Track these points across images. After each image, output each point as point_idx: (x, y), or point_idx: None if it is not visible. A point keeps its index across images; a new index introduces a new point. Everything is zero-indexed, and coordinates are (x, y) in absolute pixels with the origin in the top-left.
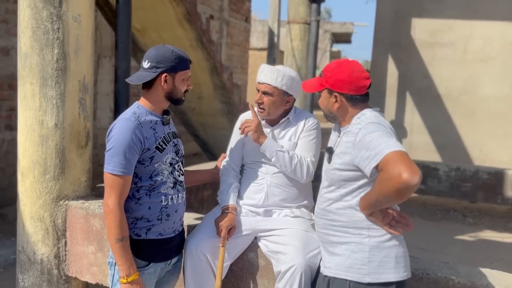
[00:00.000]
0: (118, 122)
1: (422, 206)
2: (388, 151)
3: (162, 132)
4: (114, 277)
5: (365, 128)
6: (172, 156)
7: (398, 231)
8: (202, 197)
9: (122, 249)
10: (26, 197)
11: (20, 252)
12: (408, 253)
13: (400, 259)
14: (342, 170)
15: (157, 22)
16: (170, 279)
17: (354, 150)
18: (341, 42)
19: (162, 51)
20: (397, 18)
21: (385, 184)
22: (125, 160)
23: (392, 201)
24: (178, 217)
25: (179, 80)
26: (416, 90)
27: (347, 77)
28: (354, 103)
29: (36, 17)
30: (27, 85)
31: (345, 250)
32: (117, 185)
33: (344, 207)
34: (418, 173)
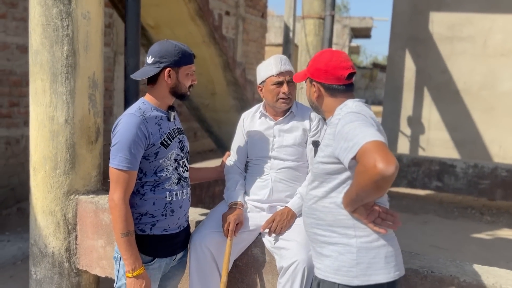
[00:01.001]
0: (123, 117)
1: (439, 203)
2: (364, 141)
3: (167, 128)
4: (119, 272)
5: (344, 119)
6: (177, 152)
7: (384, 229)
8: (214, 192)
9: (128, 243)
10: (38, 191)
11: (33, 245)
12: (400, 250)
13: (390, 258)
14: (325, 163)
15: (170, 19)
16: (176, 274)
17: (334, 142)
18: (360, 37)
19: (165, 46)
20: (415, 12)
21: (361, 177)
22: (130, 155)
23: (371, 194)
24: (182, 213)
25: (183, 74)
26: (434, 85)
27: (324, 66)
28: (332, 93)
29: (46, 15)
30: (38, 82)
31: (332, 252)
32: (122, 180)
33: (329, 205)
34: (394, 163)
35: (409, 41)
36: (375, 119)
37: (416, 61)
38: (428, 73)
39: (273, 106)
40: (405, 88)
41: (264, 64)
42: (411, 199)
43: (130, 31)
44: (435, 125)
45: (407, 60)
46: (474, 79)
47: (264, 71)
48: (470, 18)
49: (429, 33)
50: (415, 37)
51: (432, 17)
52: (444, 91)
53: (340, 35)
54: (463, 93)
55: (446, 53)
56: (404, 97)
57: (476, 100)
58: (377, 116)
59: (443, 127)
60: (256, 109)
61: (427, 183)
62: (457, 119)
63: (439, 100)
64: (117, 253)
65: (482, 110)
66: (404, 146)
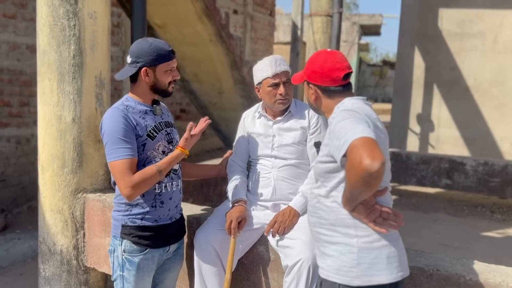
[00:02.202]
0: (106, 113)
1: (449, 201)
2: (353, 138)
3: (153, 121)
4: (114, 265)
5: (337, 117)
6: (165, 144)
7: (385, 229)
8: (221, 191)
9: (165, 165)
10: (46, 189)
11: (41, 243)
12: (404, 251)
13: (393, 259)
14: (324, 163)
15: (177, 18)
16: (173, 266)
17: (329, 141)
18: (370, 34)
19: (141, 46)
20: (424, 8)
21: (350, 174)
22: (127, 144)
23: (362, 192)
24: (173, 204)
25: (160, 72)
26: (444, 82)
27: (319, 68)
28: (329, 94)
29: (53, 15)
30: (46, 81)
31: (334, 251)
32: (127, 168)
33: (331, 204)
34: (379, 159)
35: (418, 38)
36: (372, 115)
37: (425, 58)
38: (438, 70)
39: (271, 107)
40: (414, 85)
41: (259, 65)
42: (420, 197)
43: (137, 30)
44: (444, 122)
45: (416, 57)
46: (484, 76)
47: (260, 72)
48: (480, 14)
49: (438, 30)
50: (424, 34)
51: (441, 13)
52: (453, 88)
53: (349, 32)
54: (473, 90)
55: (456, 49)
56: (413, 94)
57: (486, 97)
58: (386, 114)
59: (452, 124)
60: (256, 109)
61: (437, 181)
62: (467, 116)
63: (448, 97)
64: (111, 246)
65: (493, 107)
66: (414, 144)
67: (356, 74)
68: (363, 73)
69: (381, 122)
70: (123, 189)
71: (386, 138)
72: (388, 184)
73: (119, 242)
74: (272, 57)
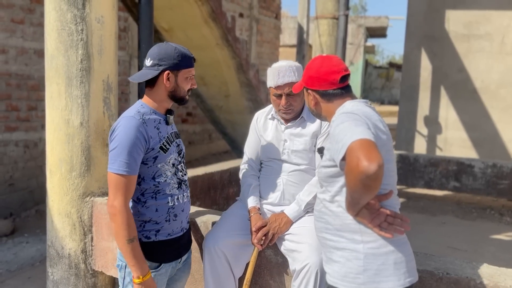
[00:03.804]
0: (122, 120)
1: (457, 204)
2: (351, 140)
3: (166, 132)
4: (125, 280)
5: (336, 120)
6: (175, 156)
7: (389, 233)
8: (228, 194)
9: (133, 250)
10: (54, 193)
11: (50, 247)
12: (412, 256)
13: (401, 264)
14: (327, 167)
15: (184, 22)
16: (182, 276)
17: (330, 145)
18: (375, 36)
19: (165, 49)
20: (430, 10)
21: (348, 177)
22: (131, 159)
23: (363, 195)
24: (185, 215)
25: (182, 78)
26: (451, 84)
27: (315, 73)
28: (328, 98)
29: (61, 19)
30: (54, 86)
31: (340, 257)
32: (123, 185)
33: (336, 209)
34: (376, 161)
35: (424, 40)
36: (373, 117)
37: (432, 60)
38: (445, 72)
39: (277, 113)
40: (421, 87)
41: (268, 71)
42: (428, 200)
43: (144, 34)
44: (452, 124)
45: (423, 59)
46: (492, 77)
47: (268, 79)
48: (487, 16)
49: (445, 32)
50: (431, 36)
51: (448, 15)
52: (461, 90)
53: (355, 34)
54: (481, 91)
55: (463, 51)
56: (421, 96)
57: (494, 99)
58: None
59: (460, 126)
60: (269, 110)
61: (445, 183)
62: (475, 118)
63: (456, 99)
64: (120, 261)
65: (501, 109)
66: (421, 146)
67: (362, 76)
68: (370, 75)
69: (384, 124)
70: (109, 201)
71: (389, 139)
72: (394, 187)
73: None
74: (277, 67)
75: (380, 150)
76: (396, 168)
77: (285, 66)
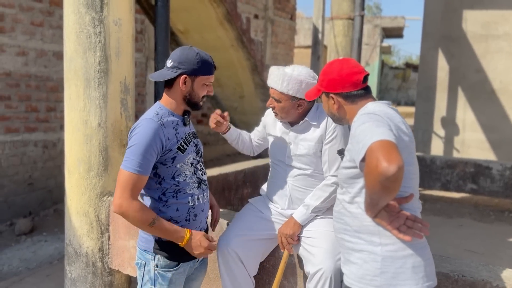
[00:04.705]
0: (142, 121)
1: (474, 206)
2: (372, 141)
3: (183, 132)
4: (144, 278)
5: (357, 121)
6: (193, 156)
7: (408, 237)
8: (242, 194)
9: (160, 228)
10: (72, 193)
11: (68, 245)
12: (432, 260)
13: (419, 268)
14: (347, 168)
15: (199, 23)
16: (198, 275)
17: (351, 145)
18: (392, 37)
19: (187, 53)
20: (448, 10)
21: (368, 178)
22: (144, 159)
23: (382, 197)
24: (204, 215)
25: (198, 84)
26: (469, 85)
27: (337, 76)
28: (352, 100)
29: (80, 22)
30: (72, 87)
31: (358, 259)
32: (132, 184)
33: (355, 211)
34: (396, 162)
35: (441, 40)
36: (396, 118)
37: (449, 61)
38: (462, 73)
39: None
40: (438, 88)
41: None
42: (445, 202)
43: (160, 36)
44: (470, 125)
45: (440, 60)
46: (511, 78)
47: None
48: (505, 16)
49: (462, 32)
50: (448, 36)
51: (466, 15)
52: (479, 91)
53: (371, 35)
54: (499, 92)
55: (481, 51)
56: (438, 97)
57: None
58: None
59: (478, 127)
60: None
61: (462, 185)
62: (493, 119)
63: (474, 100)
64: (139, 259)
65: None
66: (438, 148)
67: (378, 77)
68: (386, 76)
69: (407, 125)
70: (116, 200)
71: (412, 141)
72: (416, 190)
73: (152, 256)
74: (271, 70)
75: (401, 152)
76: (418, 171)
77: (276, 71)
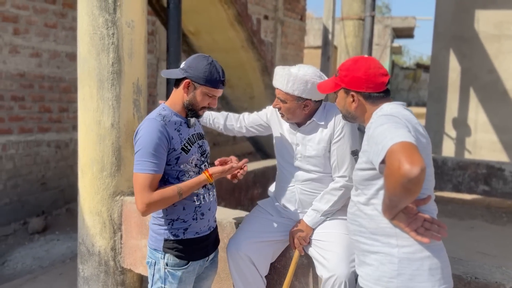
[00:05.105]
0: (144, 122)
1: (486, 208)
2: (392, 143)
3: (187, 133)
4: (154, 276)
5: (376, 122)
6: (197, 157)
7: (426, 239)
8: (252, 195)
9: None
10: (85, 192)
11: (81, 244)
12: (448, 262)
13: (436, 271)
14: (363, 170)
15: (210, 25)
16: (209, 274)
17: (368, 147)
18: (402, 37)
19: (200, 60)
20: (459, 10)
21: (388, 180)
22: (155, 158)
23: (402, 199)
24: (211, 214)
25: (200, 93)
26: (481, 85)
27: (364, 74)
28: (373, 101)
29: (93, 24)
30: (86, 88)
31: (374, 260)
32: (148, 184)
33: (371, 212)
34: (419, 165)
35: (453, 41)
36: (412, 120)
37: (461, 61)
38: (474, 73)
39: None
40: (449, 88)
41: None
42: (456, 204)
43: (172, 38)
44: (482, 126)
45: (451, 60)
46: None
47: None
48: None
49: (474, 32)
50: (460, 36)
51: (478, 15)
52: (491, 92)
53: (382, 35)
54: None
55: (493, 52)
56: (449, 98)
57: None
58: (420, 118)
59: (490, 128)
60: None
61: (474, 187)
62: (506, 120)
63: (486, 101)
64: (150, 258)
65: None
66: (449, 149)
67: None
68: (396, 77)
69: (423, 127)
70: (138, 204)
71: (429, 143)
72: (432, 192)
73: (161, 255)
74: (277, 68)
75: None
76: (433, 173)
77: (281, 71)
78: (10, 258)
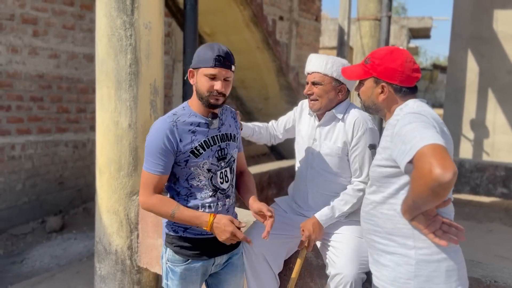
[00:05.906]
0: (155, 122)
1: (505, 211)
2: (422, 144)
3: (205, 135)
4: (163, 271)
5: (403, 120)
6: (212, 161)
7: (445, 242)
8: (267, 196)
9: (182, 216)
10: (103, 192)
11: (98, 243)
12: (464, 264)
13: (452, 272)
14: (383, 167)
15: (226, 26)
16: (228, 278)
17: (392, 144)
18: (419, 37)
19: (201, 47)
20: (478, 10)
21: (417, 183)
22: (159, 160)
23: (428, 202)
24: None
25: (200, 75)
26: (499, 86)
27: (400, 66)
28: (402, 95)
29: (111, 25)
30: (104, 89)
31: (390, 261)
32: (151, 183)
33: (388, 212)
34: (451, 169)
35: (471, 41)
36: (438, 120)
37: (479, 62)
38: (493, 74)
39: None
40: (467, 89)
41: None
42: (474, 207)
43: (189, 39)
44: (500, 128)
45: (469, 61)
46: None
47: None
48: None
49: (493, 32)
50: (478, 37)
51: (497, 15)
52: (510, 92)
53: (398, 36)
54: None
55: None
56: (467, 99)
57: None
58: None
59: (509, 130)
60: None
61: (492, 189)
62: None
63: (505, 102)
64: (162, 252)
65: None
66: (467, 151)
67: None
68: None
69: (447, 127)
70: (140, 196)
71: (451, 143)
72: (451, 195)
73: (164, 250)
74: (312, 55)
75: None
76: None
77: (317, 56)
78: (28, 256)
